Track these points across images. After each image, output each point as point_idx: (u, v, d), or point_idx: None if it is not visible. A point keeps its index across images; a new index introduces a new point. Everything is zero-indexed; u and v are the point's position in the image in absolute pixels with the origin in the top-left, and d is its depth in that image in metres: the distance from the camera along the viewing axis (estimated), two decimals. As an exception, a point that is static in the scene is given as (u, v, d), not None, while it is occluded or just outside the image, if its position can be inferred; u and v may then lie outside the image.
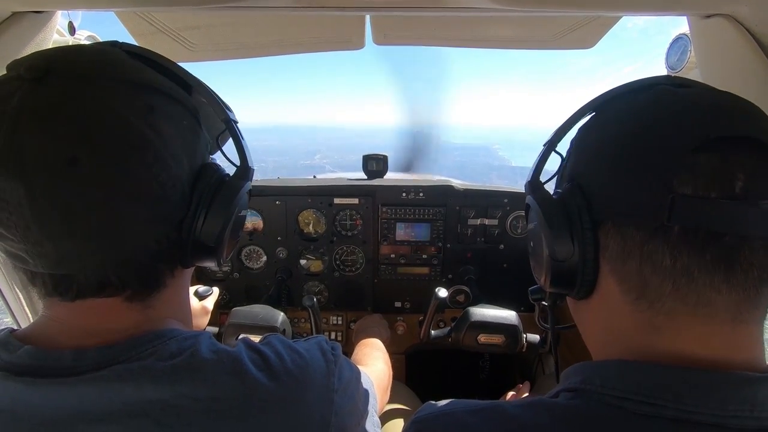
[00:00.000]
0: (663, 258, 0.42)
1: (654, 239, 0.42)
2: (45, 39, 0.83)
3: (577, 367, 0.50)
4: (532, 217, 0.57)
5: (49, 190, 0.41)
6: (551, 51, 1.23)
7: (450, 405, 0.52)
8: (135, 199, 0.46)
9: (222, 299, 1.68)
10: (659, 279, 0.43)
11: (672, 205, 0.40)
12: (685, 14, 0.84)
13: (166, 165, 0.47)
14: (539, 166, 0.59)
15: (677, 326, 0.44)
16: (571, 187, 0.50)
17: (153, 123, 0.46)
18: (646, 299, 0.45)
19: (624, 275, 0.46)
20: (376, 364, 1.05)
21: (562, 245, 0.50)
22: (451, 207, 1.58)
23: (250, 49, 1.24)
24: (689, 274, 0.41)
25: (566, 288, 0.53)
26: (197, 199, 0.52)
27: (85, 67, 0.46)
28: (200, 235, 0.53)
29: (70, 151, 0.42)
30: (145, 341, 0.49)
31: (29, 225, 0.42)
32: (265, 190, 1.58)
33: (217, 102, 0.59)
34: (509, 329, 1.25)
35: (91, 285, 0.48)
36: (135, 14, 1.00)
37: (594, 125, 0.54)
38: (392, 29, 1.16)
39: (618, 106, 0.52)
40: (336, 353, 0.61)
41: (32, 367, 0.46)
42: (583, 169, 0.51)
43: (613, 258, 0.47)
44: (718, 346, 0.43)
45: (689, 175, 0.40)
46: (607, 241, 0.47)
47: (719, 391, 0.40)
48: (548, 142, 0.59)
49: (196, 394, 0.47)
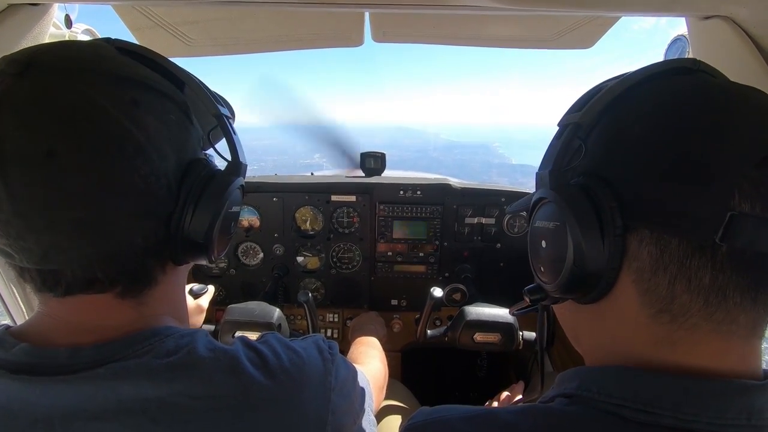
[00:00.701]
0: (703, 276, 0.39)
1: (698, 255, 0.39)
2: (41, 32, 0.82)
3: (572, 372, 0.49)
4: (550, 214, 0.49)
5: (28, 184, 0.41)
6: (550, 51, 1.23)
7: (443, 411, 0.51)
8: (116, 193, 0.45)
9: (218, 296, 1.68)
10: (690, 296, 0.40)
11: (729, 224, 0.37)
12: (684, 15, 0.84)
13: (149, 159, 0.47)
14: (561, 153, 0.49)
15: (695, 341, 0.42)
16: (599, 184, 0.44)
17: (136, 117, 0.46)
18: (668, 313, 0.42)
19: (650, 287, 0.42)
20: (372, 363, 1.05)
21: (593, 250, 0.44)
22: (449, 205, 1.58)
23: (249, 44, 1.24)
24: (723, 294, 0.39)
25: (576, 293, 0.49)
26: (185, 194, 0.52)
27: (68, 61, 0.45)
28: (189, 232, 0.52)
29: (48, 143, 0.41)
30: (141, 338, 0.49)
31: (9, 219, 0.42)
32: (262, 187, 1.57)
33: (208, 97, 0.59)
34: (505, 327, 1.25)
35: (79, 280, 0.47)
36: (133, 8, 0.99)
37: (631, 113, 0.46)
38: (391, 27, 1.16)
39: (658, 93, 0.45)
40: (333, 352, 0.61)
41: (28, 365, 0.46)
42: (614, 164, 0.45)
43: (642, 268, 0.42)
44: (731, 361, 0.42)
45: (751, 191, 0.37)
46: (639, 249, 0.42)
47: (717, 399, 0.39)
48: (574, 124, 0.48)
49: (193, 392, 0.47)
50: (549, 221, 0.50)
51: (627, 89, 0.47)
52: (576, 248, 0.45)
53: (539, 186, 0.52)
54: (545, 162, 0.52)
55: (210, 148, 0.63)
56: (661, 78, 0.47)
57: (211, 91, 0.61)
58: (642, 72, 0.47)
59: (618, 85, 0.47)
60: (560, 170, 0.49)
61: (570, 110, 0.53)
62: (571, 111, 0.53)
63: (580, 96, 0.54)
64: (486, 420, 0.47)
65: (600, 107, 0.47)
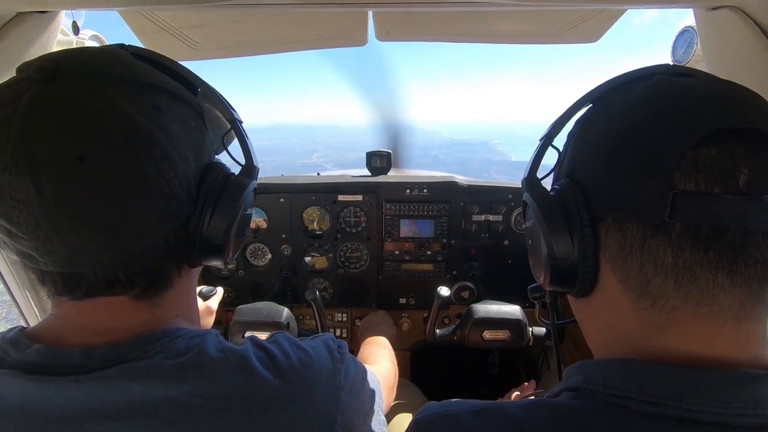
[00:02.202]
0: (665, 255, 0.41)
1: (655, 236, 0.41)
2: (49, 39, 0.84)
3: (578, 366, 0.49)
4: (530, 214, 0.56)
5: (58, 187, 0.42)
6: (554, 46, 1.22)
7: (451, 405, 0.52)
8: (143, 196, 0.46)
9: (227, 297, 1.69)
10: (661, 277, 0.42)
11: (673, 202, 0.39)
12: (691, 6, 0.83)
13: (173, 163, 0.48)
14: (536, 161, 0.57)
15: (680, 325, 0.43)
16: (569, 183, 0.49)
17: (160, 121, 0.47)
18: (648, 297, 0.44)
19: (625, 273, 0.45)
20: (381, 363, 1.05)
21: (561, 243, 0.49)
22: (455, 203, 1.58)
23: (253, 46, 1.24)
24: (692, 272, 0.40)
25: (565, 286, 0.52)
26: (204, 197, 0.53)
27: (92, 67, 0.46)
28: (207, 233, 0.54)
29: (79, 148, 0.42)
30: (152, 339, 0.50)
31: (39, 222, 0.43)
32: (269, 188, 1.58)
33: (222, 102, 0.60)
34: (514, 324, 1.25)
35: (100, 283, 0.48)
36: (138, 13, 1.00)
37: (591, 118, 0.52)
38: (395, 25, 1.15)
39: (615, 98, 0.50)
40: (342, 351, 0.61)
41: (42, 366, 0.47)
42: (580, 164, 0.50)
43: (614, 256, 0.46)
44: (722, 345, 0.42)
45: (690, 170, 0.39)
46: (607, 238, 0.46)
47: (722, 389, 0.40)
48: (544, 137, 0.58)
49: (203, 392, 0.47)
50: (529, 221, 0.57)
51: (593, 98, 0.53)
52: (546, 241, 0.50)
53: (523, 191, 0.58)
54: (526, 170, 0.58)
55: (223, 152, 0.65)
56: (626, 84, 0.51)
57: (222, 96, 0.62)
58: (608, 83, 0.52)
59: (582, 99, 0.54)
60: (533, 175, 0.56)
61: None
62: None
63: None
64: (494, 414, 0.48)
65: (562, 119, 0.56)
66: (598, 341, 0.54)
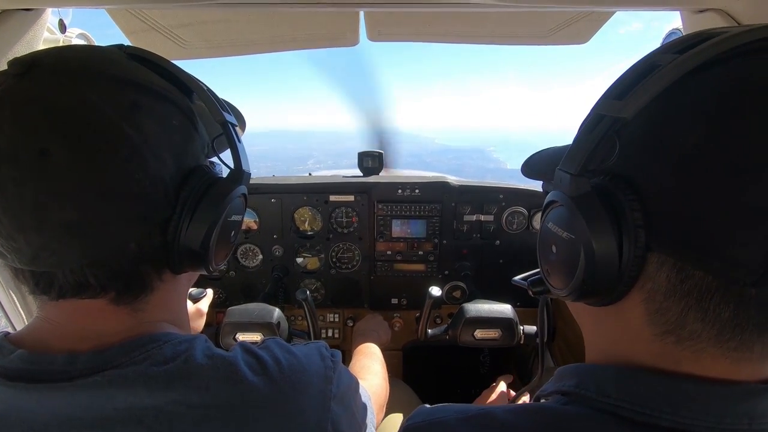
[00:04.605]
0: (724, 311, 0.36)
1: (721, 292, 0.35)
2: (35, 37, 0.82)
3: (572, 369, 0.48)
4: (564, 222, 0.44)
5: (18, 182, 0.41)
6: (546, 48, 1.23)
7: (442, 411, 0.51)
8: (108, 196, 0.44)
9: (218, 298, 1.68)
10: (704, 325, 0.37)
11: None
12: (678, 9, 0.84)
13: (144, 163, 0.46)
14: (590, 152, 0.40)
15: (702, 362, 0.39)
16: (625, 192, 0.38)
17: (135, 120, 0.45)
18: (675, 335, 0.39)
19: (660, 309, 0.39)
20: (374, 380, 1.03)
21: (607, 271, 0.40)
22: (447, 203, 1.59)
23: (243, 46, 1.24)
24: (741, 329, 0.36)
25: (582, 299, 0.46)
26: (182, 200, 0.50)
27: (71, 63, 0.45)
28: (185, 239, 0.51)
29: (41, 142, 0.41)
30: (138, 345, 0.48)
31: (0, 218, 0.42)
32: (260, 188, 1.57)
33: (214, 104, 0.57)
34: (505, 323, 1.26)
35: (70, 284, 0.47)
36: (126, 12, 0.99)
37: (680, 109, 0.37)
38: (386, 25, 1.16)
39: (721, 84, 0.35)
40: (335, 360, 0.60)
41: (25, 372, 0.46)
42: (648, 172, 0.38)
43: (656, 290, 0.39)
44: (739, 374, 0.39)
45: None
46: (657, 272, 0.38)
47: (718, 404, 0.38)
48: (613, 118, 0.39)
49: (190, 401, 0.46)
50: (562, 230, 0.44)
51: (685, 75, 0.36)
52: (587, 266, 0.41)
53: (557, 186, 0.45)
54: (568, 159, 0.43)
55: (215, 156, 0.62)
56: (731, 61, 0.36)
57: (219, 98, 0.59)
58: (709, 49, 0.35)
59: (673, 70, 0.36)
60: (583, 174, 0.41)
61: (609, 94, 0.41)
62: (610, 96, 0.41)
63: (623, 74, 0.42)
64: (484, 420, 0.47)
65: (648, 98, 0.37)
66: (595, 347, 0.52)
